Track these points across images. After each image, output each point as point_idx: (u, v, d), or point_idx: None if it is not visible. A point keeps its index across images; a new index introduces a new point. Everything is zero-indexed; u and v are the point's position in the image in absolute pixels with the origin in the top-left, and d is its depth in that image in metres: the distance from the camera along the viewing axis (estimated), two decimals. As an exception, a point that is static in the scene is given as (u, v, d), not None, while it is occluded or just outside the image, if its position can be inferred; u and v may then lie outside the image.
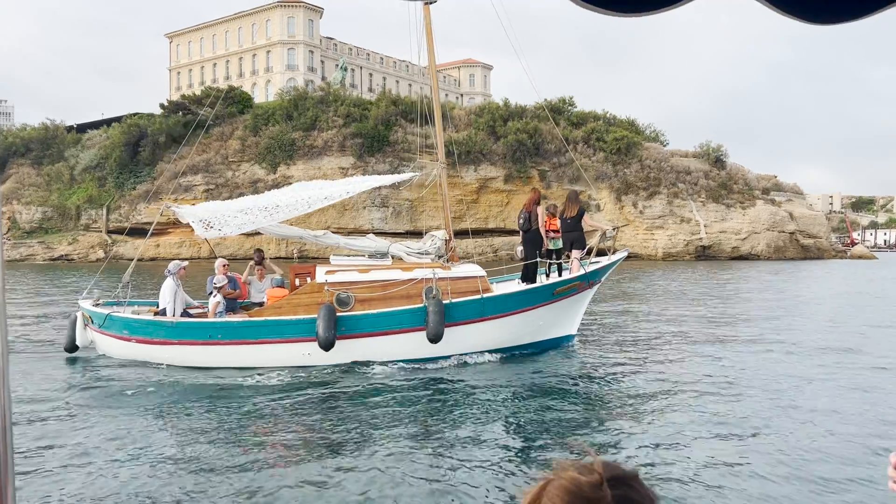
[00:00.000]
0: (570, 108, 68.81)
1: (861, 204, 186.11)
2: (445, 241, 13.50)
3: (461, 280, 12.33)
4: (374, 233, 63.70)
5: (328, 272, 12.05)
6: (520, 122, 64.77)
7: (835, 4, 1.25)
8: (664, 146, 77.91)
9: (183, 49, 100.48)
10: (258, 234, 13.44)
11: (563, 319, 13.25)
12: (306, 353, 11.50)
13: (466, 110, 69.13)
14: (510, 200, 64.35)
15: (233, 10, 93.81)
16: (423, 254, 13.29)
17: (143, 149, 65.62)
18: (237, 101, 67.47)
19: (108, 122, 71.45)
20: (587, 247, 13.40)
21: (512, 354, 12.44)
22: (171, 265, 12.77)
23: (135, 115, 69.78)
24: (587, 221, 13.43)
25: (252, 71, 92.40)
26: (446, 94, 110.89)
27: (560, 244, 13.36)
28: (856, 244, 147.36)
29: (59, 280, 38.47)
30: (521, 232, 13.53)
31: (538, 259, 13.26)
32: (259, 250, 14.29)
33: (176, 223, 65.67)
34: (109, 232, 66.95)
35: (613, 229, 14.31)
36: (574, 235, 13.15)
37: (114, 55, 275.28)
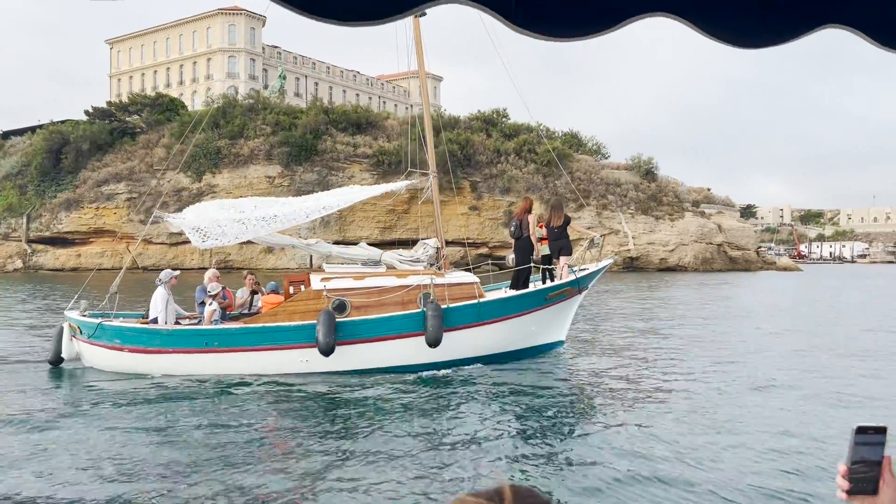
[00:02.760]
0: (503, 119, 68.96)
1: (810, 217, 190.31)
2: (437, 249, 13.67)
3: (456, 286, 12.52)
4: (302, 243, 62.95)
5: (323, 279, 12.06)
6: (452, 133, 64.61)
7: (758, 31, 1.45)
8: (606, 158, 78.65)
9: (124, 56, 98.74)
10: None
11: (553, 325, 13.55)
12: (304, 360, 11.49)
13: (399, 120, 68.77)
14: (441, 211, 63.92)
15: (173, 18, 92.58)
16: (415, 261, 13.41)
17: (65, 156, 63.95)
18: (167, 109, 66.26)
19: (33, 129, 69.50)
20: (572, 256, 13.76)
21: (507, 360, 12.58)
22: (163, 274, 12.44)
23: (63, 121, 68.09)
24: (574, 228, 13.72)
25: (193, 78, 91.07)
26: (395, 105, 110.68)
27: (546, 250, 13.68)
28: (803, 256, 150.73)
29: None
30: (513, 240, 13.81)
31: (531, 265, 13.55)
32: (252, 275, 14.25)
33: (98, 232, 64.14)
34: (30, 241, 65.00)
35: (601, 237, 14.51)
36: (561, 243, 13.47)
37: (66, 60, 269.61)
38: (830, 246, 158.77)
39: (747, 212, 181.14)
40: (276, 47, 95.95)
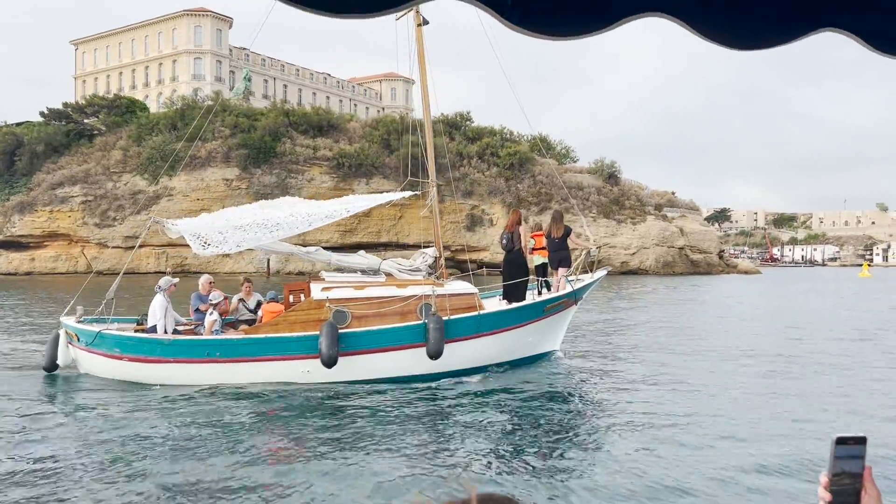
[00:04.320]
0: (467, 122, 68.75)
1: (783, 220, 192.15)
2: (435, 258, 13.73)
3: (456, 297, 12.61)
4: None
5: (324, 289, 12.11)
6: (415, 135, 64.24)
7: (753, 33, 1.50)
8: (574, 161, 78.63)
9: (89, 57, 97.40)
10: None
11: (549, 335, 13.70)
12: (305, 371, 11.53)
13: (362, 123, 68.37)
14: (403, 214, 63.59)
15: (138, 19, 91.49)
16: (414, 271, 13.44)
17: (19, 158, 62.80)
18: (126, 111, 65.32)
19: (-13, 131, 68.17)
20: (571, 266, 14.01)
21: (503, 370, 12.76)
22: (162, 281, 12.31)
23: (19, 123, 66.90)
24: (573, 240, 13.94)
25: (158, 80, 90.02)
26: (367, 108, 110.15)
27: (539, 261, 13.81)
28: (775, 259, 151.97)
29: None
30: (504, 252, 13.87)
31: (529, 276, 13.62)
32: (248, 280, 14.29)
33: (52, 235, 62.98)
34: (-18, 245, 63.67)
35: (597, 248, 14.73)
36: (561, 255, 13.62)
37: (31, 60, 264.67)
38: (802, 249, 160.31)
39: (722, 215, 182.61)
40: (243, 49, 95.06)
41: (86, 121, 65.51)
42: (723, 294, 38.82)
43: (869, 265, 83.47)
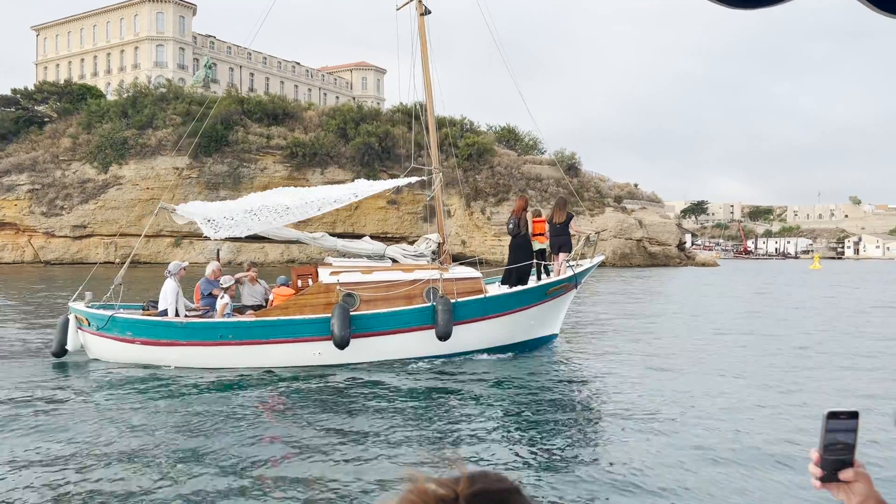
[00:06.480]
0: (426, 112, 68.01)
1: (759, 213, 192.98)
2: (439, 244, 14.06)
3: (461, 281, 12.97)
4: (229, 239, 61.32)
5: (332, 273, 12.34)
6: (371, 124, 63.48)
7: None
8: (542, 153, 78.13)
9: (50, 43, 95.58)
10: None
11: (550, 319, 14.03)
12: (317, 353, 11.72)
13: (319, 111, 67.45)
14: (359, 204, 62.80)
15: (100, 4, 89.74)
16: (418, 256, 13.71)
17: (-36, 145, 61.42)
18: (79, 98, 64.00)
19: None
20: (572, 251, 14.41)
21: (508, 353, 13.09)
22: (172, 266, 12.48)
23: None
24: (573, 227, 14.32)
25: (120, 67, 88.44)
26: (337, 97, 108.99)
27: (538, 246, 14.11)
28: (749, 252, 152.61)
29: None
30: (510, 237, 14.26)
31: (533, 261, 13.97)
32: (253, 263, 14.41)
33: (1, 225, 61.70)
34: (-73, 234, 62.24)
35: (596, 234, 15.51)
36: (562, 240, 13.97)
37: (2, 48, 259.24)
38: (776, 242, 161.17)
39: (698, 208, 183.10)
40: (209, 36, 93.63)
41: (37, 108, 64.10)
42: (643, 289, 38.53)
43: (820, 258, 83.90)
